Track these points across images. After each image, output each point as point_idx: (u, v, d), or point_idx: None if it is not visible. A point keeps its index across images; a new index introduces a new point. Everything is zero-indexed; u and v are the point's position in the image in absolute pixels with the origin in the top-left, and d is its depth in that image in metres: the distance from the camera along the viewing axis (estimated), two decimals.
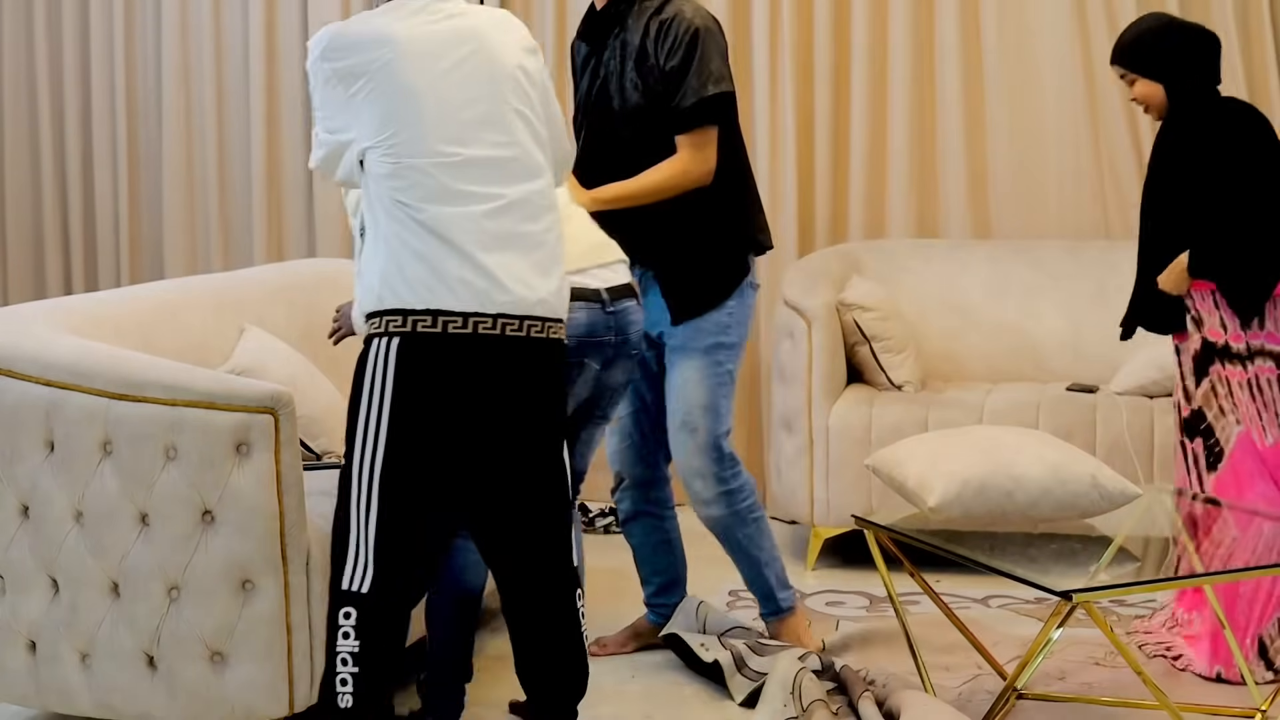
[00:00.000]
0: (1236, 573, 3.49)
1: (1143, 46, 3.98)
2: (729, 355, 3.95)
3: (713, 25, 3.86)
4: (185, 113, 6.25)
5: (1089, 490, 3.57)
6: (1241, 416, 3.89)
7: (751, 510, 4.05)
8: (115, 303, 4.10)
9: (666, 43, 3.81)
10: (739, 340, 3.98)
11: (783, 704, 3.67)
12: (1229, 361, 3.89)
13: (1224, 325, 3.89)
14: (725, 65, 3.85)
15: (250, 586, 3.36)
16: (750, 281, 4.00)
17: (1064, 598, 3.23)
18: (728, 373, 3.96)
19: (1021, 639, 4.19)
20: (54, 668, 3.48)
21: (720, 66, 3.82)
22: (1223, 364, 3.90)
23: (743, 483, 4.03)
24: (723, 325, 3.93)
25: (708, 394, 3.94)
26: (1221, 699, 3.76)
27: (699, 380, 3.93)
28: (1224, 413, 3.91)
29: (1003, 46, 5.68)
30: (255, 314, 4.48)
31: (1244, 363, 3.88)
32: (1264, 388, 3.89)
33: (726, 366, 3.95)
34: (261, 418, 3.34)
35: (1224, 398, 3.91)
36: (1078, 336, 5.28)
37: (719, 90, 3.79)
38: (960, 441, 3.66)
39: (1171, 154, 3.93)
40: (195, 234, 6.29)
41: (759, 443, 5.88)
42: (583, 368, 3.48)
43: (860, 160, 5.76)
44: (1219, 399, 3.91)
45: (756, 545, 4.07)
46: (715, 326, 3.93)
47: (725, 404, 3.98)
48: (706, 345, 3.93)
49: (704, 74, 3.77)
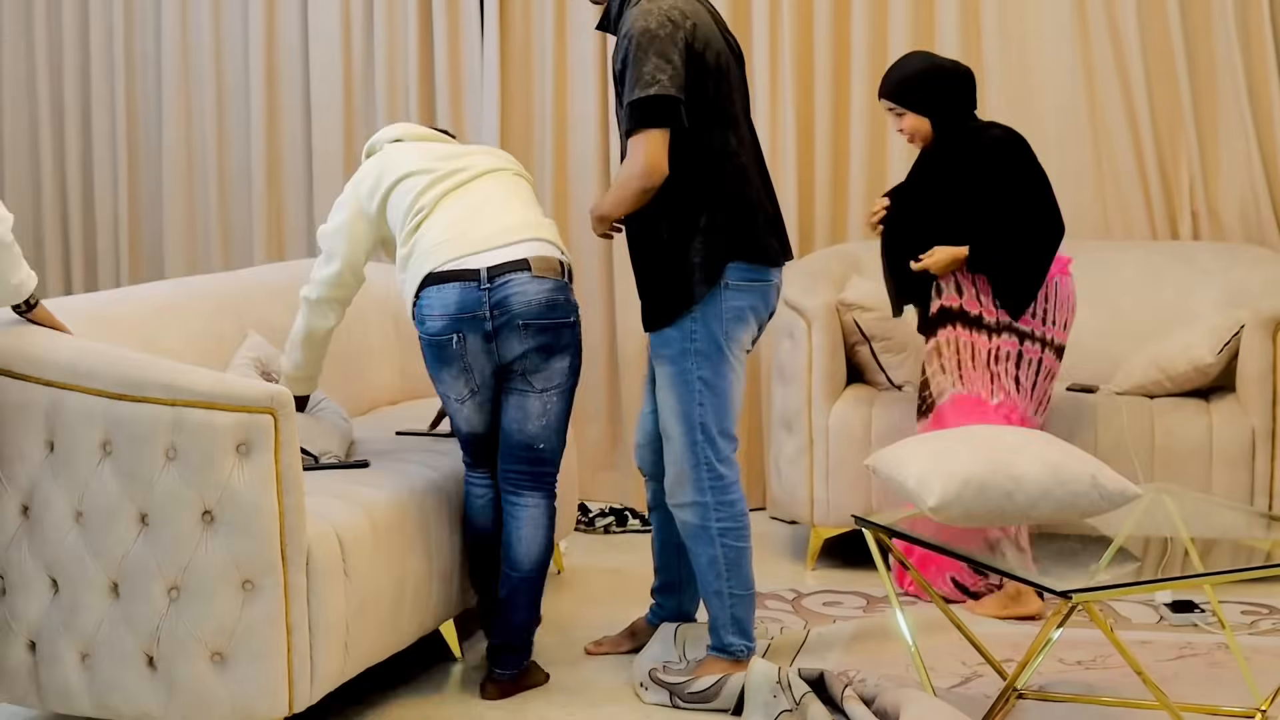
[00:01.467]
0: (1236, 572, 3.49)
1: (911, 86, 4.51)
2: (700, 363, 3.86)
3: (657, 27, 3.75)
4: (185, 113, 6.25)
5: (1089, 490, 3.56)
6: (966, 379, 4.49)
7: (724, 535, 3.92)
8: (115, 303, 4.10)
9: (618, 49, 3.83)
10: (711, 348, 3.86)
11: (772, 695, 3.67)
12: (977, 329, 4.49)
13: (980, 299, 4.49)
14: (665, 67, 3.72)
15: (250, 587, 3.36)
16: (728, 286, 3.85)
17: (1064, 597, 3.23)
18: (700, 380, 3.87)
19: (1021, 639, 4.19)
20: (54, 668, 3.48)
21: (655, 69, 3.72)
22: (966, 330, 4.50)
23: (723, 501, 3.92)
24: (689, 332, 3.86)
25: (678, 401, 3.90)
26: (1222, 699, 3.76)
27: (669, 387, 3.91)
28: (943, 370, 4.54)
29: (1003, 46, 5.68)
30: (255, 314, 4.48)
31: (990, 334, 4.47)
32: (1002, 358, 4.47)
33: (698, 374, 3.87)
34: (261, 418, 3.34)
35: (947, 358, 4.53)
36: (1077, 336, 5.27)
37: (645, 94, 3.72)
38: (960, 441, 3.66)
39: (940, 173, 4.52)
40: (195, 234, 6.29)
41: (759, 443, 5.88)
42: (462, 339, 3.82)
43: (860, 160, 5.76)
44: (941, 358, 4.54)
45: (716, 571, 3.94)
46: (681, 334, 3.87)
47: (704, 411, 3.88)
48: (674, 353, 3.88)
49: (635, 78, 3.74)
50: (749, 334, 3.94)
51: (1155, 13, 5.59)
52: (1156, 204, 5.61)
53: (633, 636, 4.28)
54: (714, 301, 3.85)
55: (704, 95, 3.82)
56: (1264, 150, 5.55)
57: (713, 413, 3.88)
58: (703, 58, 3.81)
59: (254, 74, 6.12)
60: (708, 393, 3.87)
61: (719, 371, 3.87)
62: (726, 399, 3.90)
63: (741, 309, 3.88)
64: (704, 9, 3.93)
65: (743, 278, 3.87)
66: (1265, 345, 4.81)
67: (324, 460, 4.10)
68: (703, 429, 3.89)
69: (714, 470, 3.90)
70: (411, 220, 3.93)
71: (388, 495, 3.84)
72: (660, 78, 3.72)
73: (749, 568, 3.98)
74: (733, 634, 3.97)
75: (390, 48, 6.01)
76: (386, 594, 3.73)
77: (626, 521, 5.68)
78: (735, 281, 3.86)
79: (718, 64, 3.85)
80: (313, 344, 4.16)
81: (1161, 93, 5.60)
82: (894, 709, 3.57)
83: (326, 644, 3.47)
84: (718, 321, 3.85)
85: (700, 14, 3.88)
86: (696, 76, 3.80)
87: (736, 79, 3.96)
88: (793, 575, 5.01)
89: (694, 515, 3.94)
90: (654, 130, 3.74)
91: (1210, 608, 4.39)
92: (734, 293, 3.87)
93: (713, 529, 3.92)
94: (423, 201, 3.94)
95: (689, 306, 3.84)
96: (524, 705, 3.91)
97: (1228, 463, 4.81)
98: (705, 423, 3.88)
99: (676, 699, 3.88)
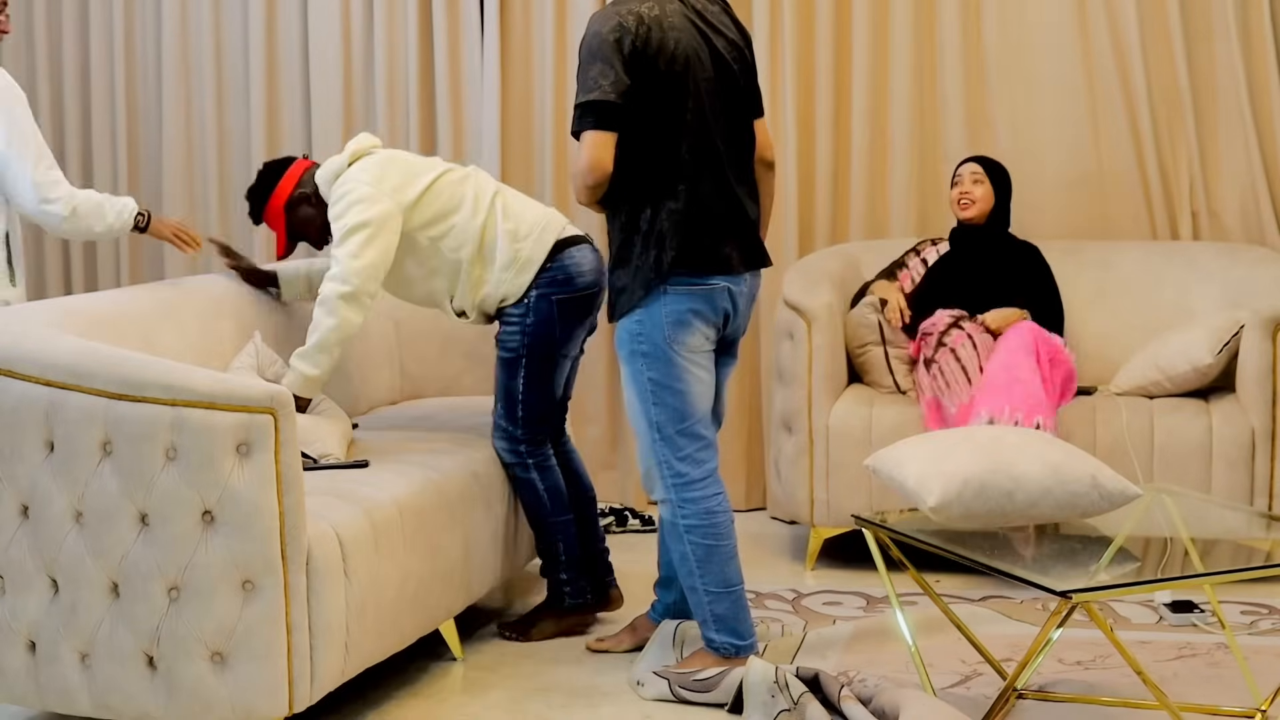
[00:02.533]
0: (1235, 572, 3.49)
1: (1002, 169, 5.28)
2: (648, 364, 3.90)
3: (608, 32, 3.79)
4: (185, 113, 6.25)
5: (1089, 490, 3.56)
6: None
7: (690, 532, 3.93)
8: (115, 303, 4.10)
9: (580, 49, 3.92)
10: (655, 350, 3.87)
11: (770, 695, 3.67)
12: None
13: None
14: (609, 73, 3.78)
15: (250, 587, 3.36)
16: (666, 291, 3.85)
17: (1064, 597, 3.23)
18: (650, 381, 3.90)
19: (1021, 639, 4.19)
20: (53, 668, 3.48)
21: (599, 74, 3.79)
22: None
23: (687, 498, 3.92)
24: (635, 334, 3.90)
25: (636, 399, 3.95)
26: (1221, 699, 3.76)
27: (626, 385, 3.98)
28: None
29: (1003, 46, 5.68)
30: (252, 314, 4.48)
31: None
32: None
33: (648, 375, 3.90)
34: (261, 418, 3.34)
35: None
36: (1077, 336, 5.28)
37: (586, 98, 3.80)
38: (960, 441, 3.66)
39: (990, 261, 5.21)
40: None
41: (759, 443, 5.88)
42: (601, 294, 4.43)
43: (860, 160, 5.76)
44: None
45: (688, 568, 3.96)
46: (629, 335, 3.91)
47: (658, 411, 3.90)
48: (626, 354, 3.94)
49: (581, 81, 3.84)
50: (696, 336, 3.91)
51: (1155, 13, 5.58)
52: (1156, 204, 5.61)
53: (634, 633, 4.28)
54: (655, 305, 3.87)
55: (651, 101, 3.83)
56: (1264, 150, 5.55)
57: (667, 413, 3.91)
58: (654, 64, 3.81)
59: (254, 74, 6.12)
60: (661, 393, 3.90)
61: (668, 373, 3.90)
62: (684, 398, 3.91)
63: (681, 312, 3.88)
64: (681, 11, 3.90)
65: (684, 282, 3.87)
66: (1265, 345, 4.81)
67: (323, 461, 4.10)
68: (659, 429, 3.92)
69: (673, 469, 3.93)
70: (485, 201, 4.32)
71: (388, 495, 3.84)
72: (603, 83, 3.79)
73: (726, 566, 3.97)
74: (714, 630, 3.98)
75: (390, 48, 6.01)
76: (387, 594, 3.73)
77: (627, 521, 5.68)
78: (674, 286, 3.86)
79: (671, 69, 3.83)
80: (346, 343, 4.21)
81: (1161, 93, 5.60)
82: (893, 709, 3.56)
83: (327, 644, 3.47)
84: (658, 325, 3.88)
85: (668, 16, 3.85)
86: (645, 83, 3.81)
87: (712, 81, 3.91)
88: (793, 575, 5.02)
89: (664, 511, 4.01)
90: (599, 132, 3.81)
91: (1210, 608, 4.39)
92: (673, 296, 3.87)
93: (680, 525, 3.96)
94: (483, 187, 4.37)
95: (633, 304, 3.89)
96: (524, 705, 3.91)
97: (1227, 463, 4.81)
98: (660, 422, 3.92)
99: (675, 688, 3.88)
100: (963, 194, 5.23)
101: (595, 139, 3.82)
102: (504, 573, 4.45)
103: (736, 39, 4.04)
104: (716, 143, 3.93)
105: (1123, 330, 5.31)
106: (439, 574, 4.00)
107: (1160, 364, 4.96)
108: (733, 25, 4.05)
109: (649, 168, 3.86)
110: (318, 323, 4.16)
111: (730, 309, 3.97)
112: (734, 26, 4.06)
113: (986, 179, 5.22)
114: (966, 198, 5.22)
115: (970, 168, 5.25)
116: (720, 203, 3.93)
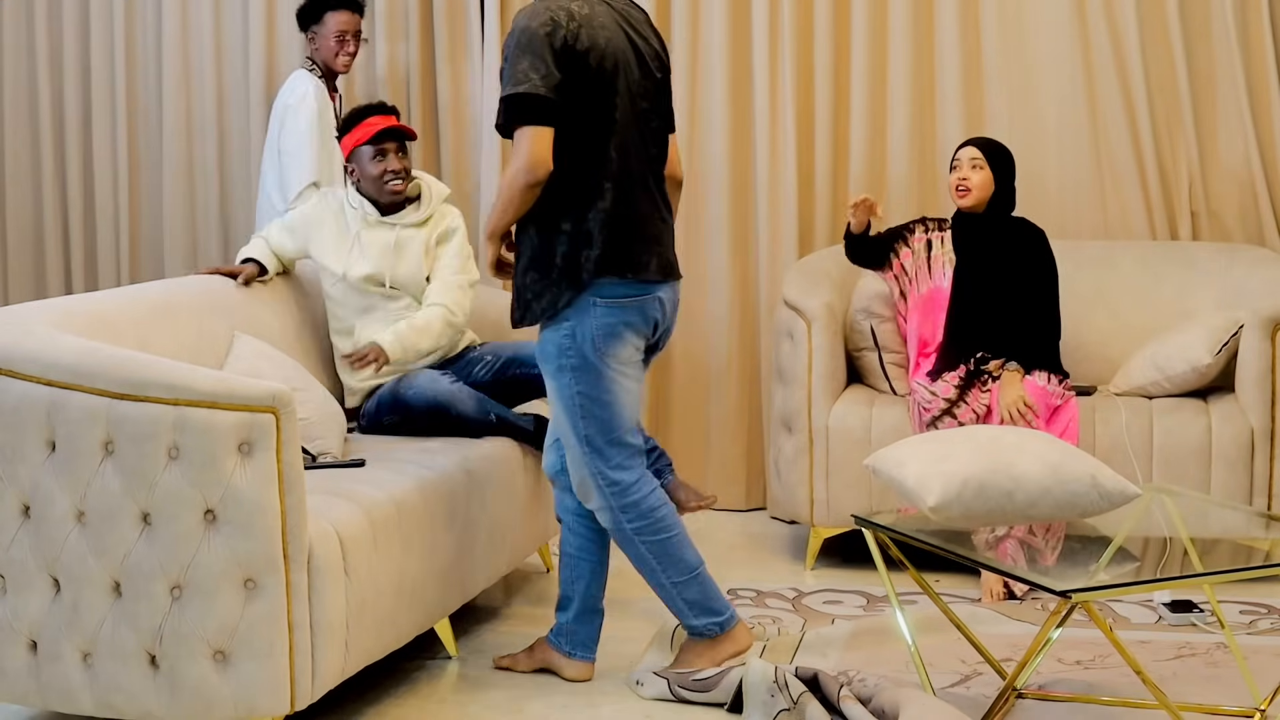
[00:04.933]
0: (1235, 572, 3.50)
1: (1002, 151, 4.99)
2: (576, 378, 3.83)
3: (538, 26, 3.73)
4: (185, 113, 6.25)
5: (1089, 490, 3.57)
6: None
7: (640, 534, 3.92)
8: (114, 302, 4.10)
9: (504, 43, 3.84)
10: (585, 364, 3.82)
11: (770, 695, 3.68)
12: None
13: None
14: (540, 66, 3.70)
15: (252, 585, 3.37)
16: (597, 304, 3.79)
17: (1063, 597, 3.24)
18: (579, 394, 3.84)
19: (1021, 639, 4.20)
20: (55, 667, 3.49)
21: (529, 68, 3.71)
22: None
23: (626, 504, 3.89)
24: (564, 349, 3.83)
25: (564, 414, 3.89)
26: (1221, 699, 3.77)
27: (553, 399, 3.92)
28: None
29: (1003, 47, 5.68)
30: (247, 315, 4.48)
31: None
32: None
33: (576, 389, 3.84)
34: (263, 417, 3.35)
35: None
36: (1077, 336, 5.28)
37: (515, 90, 3.72)
38: (960, 441, 3.67)
39: (1001, 256, 4.96)
40: (195, 234, 6.29)
41: (759, 443, 5.88)
42: None
43: (860, 160, 5.77)
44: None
45: (648, 567, 3.95)
46: (558, 350, 3.84)
47: (587, 424, 3.85)
48: (553, 368, 3.87)
49: (509, 75, 3.75)
50: (628, 348, 3.86)
51: (1155, 13, 5.59)
52: (1156, 204, 5.62)
53: (531, 655, 4.15)
54: (585, 318, 3.80)
55: (581, 99, 3.76)
56: (1264, 150, 5.55)
57: (596, 425, 3.87)
58: (584, 60, 3.75)
59: (254, 74, 6.12)
60: (590, 406, 3.85)
61: (598, 385, 3.84)
62: (612, 409, 3.86)
63: (614, 324, 3.82)
64: (608, 10, 3.84)
65: (615, 294, 3.81)
66: (1264, 346, 4.82)
67: (321, 460, 4.11)
68: (588, 441, 3.88)
69: (607, 478, 3.90)
70: None
71: (386, 494, 3.85)
72: (533, 76, 3.71)
73: (682, 551, 3.95)
74: (693, 616, 3.98)
75: (390, 47, 6.02)
76: (386, 592, 3.73)
77: None
78: (605, 299, 3.80)
79: (601, 68, 3.77)
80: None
81: (1161, 92, 5.61)
82: (893, 708, 3.57)
83: (327, 642, 3.48)
84: (589, 339, 3.81)
85: (598, 16, 3.80)
86: (574, 80, 3.75)
87: (637, 85, 3.85)
88: (793, 575, 5.02)
89: (605, 520, 3.96)
90: (536, 127, 3.72)
91: (1209, 607, 4.40)
92: (604, 309, 3.81)
93: (627, 530, 3.93)
94: None
95: (555, 309, 3.81)
96: (524, 705, 3.91)
97: (1226, 463, 4.81)
98: (589, 435, 3.87)
99: (675, 687, 3.89)
100: (960, 180, 4.95)
101: (534, 134, 3.72)
102: (499, 571, 4.45)
103: (659, 50, 3.97)
104: (642, 148, 3.87)
105: (1122, 330, 5.32)
106: (436, 572, 4.00)
107: (1159, 364, 4.97)
108: (655, 37, 3.98)
109: (576, 167, 3.78)
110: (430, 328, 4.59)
111: (659, 317, 3.91)
112: (656, 38, 3.98)
113: (986, 164, 4.93)
114: (963, 185, 4.94)
115: (969, 152, 4.97)
116: (647, 207, 3.87)
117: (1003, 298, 4.90)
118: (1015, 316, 4.89)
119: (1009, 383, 4.74)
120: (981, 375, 4.81)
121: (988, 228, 4.98)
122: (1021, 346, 4.84)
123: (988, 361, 4.82)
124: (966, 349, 4.86)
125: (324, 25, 5.46)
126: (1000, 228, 4.99)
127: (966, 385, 4.79)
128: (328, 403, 4.34)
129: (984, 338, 4.87)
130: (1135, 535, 3.84)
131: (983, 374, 4.81)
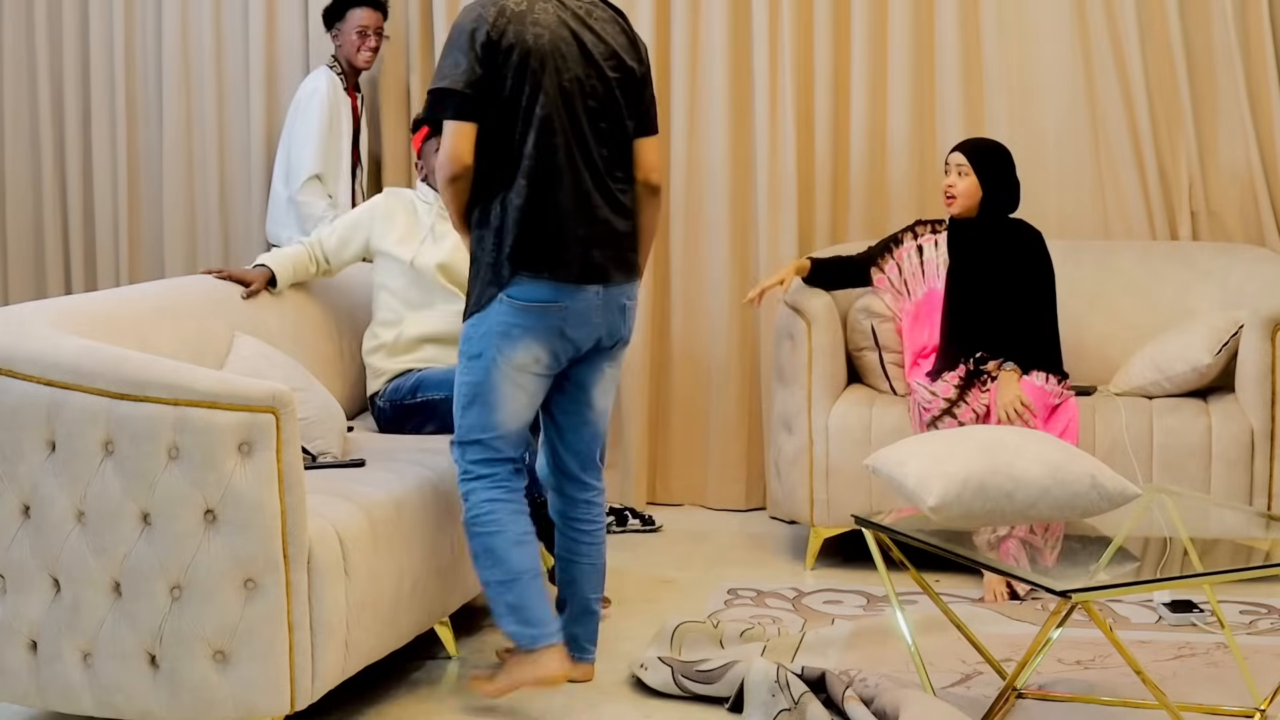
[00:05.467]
0: (1235, 572, 3.50)
1: (988, 154, 4.93)
2: (469, 367, 3.81)
3: (466, 22, 3.75)
4: (185, 113, 6.25)
5: (1089, 490, 3.57)
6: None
7: (471, 525, 3.87)
8: (114, 302, 4.10)
9: None
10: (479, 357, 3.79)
11: (771, 695, 3.68)
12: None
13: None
14: (461, 62, 3.72)
15: (252, 585, 3.37)
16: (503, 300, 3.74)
17: (1063, 597, 3.24)
18: (466, 384, 3.82)
19: (1021, 639, 4.20)
20: (56, 667, 3.49)
21: (451, 64, 3.74)
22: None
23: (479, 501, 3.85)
24: (467, 336, 3.83)
25: (455, 397, 3.90)
26: (1221, 699, 3.77)
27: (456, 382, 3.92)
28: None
29: (1003, 47, 5.68)
30: (248, 315, 4.48)
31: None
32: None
33: (465, 379, 3.83)
34: (263, 417, 3.35)
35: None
36: (1077, 336, 5.28)
37: (435, 86, 3.76)
38: (960, 441, 3.67)
39: (997, 258, 4.94)
40: (195, 234, 6.29)
41: (759, 443, 5.88)
42: None
43: (860, 160, 5.77)
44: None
45: (481, 565, 3.88)
46: (463, 337, 3.85)
47: (465, 415, 3.84)
48: (460, 351, 3.88)
49: (436, 69, 3.81)
50: (523, 354, 3.77)
51: (1155, 13, 5.59)
52: (1156, 204, 5.62)
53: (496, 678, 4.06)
54: (491, 312, 3.78)
55: (500, 95, 3.74)
56: (1264, 150, 5.56)
57: (472, 419, 3.84)
58: (505, 57, 3.73)
59: (254, 74, 6.12)
60: (472, 399, 3.83)
61: (484, 383, 3.80)
62: (491, 413, 3.81)
63: (512, 327, 3.75)
64: (555, 10, 3.80)
65: (525, 296, 3.75)
66: (1264, 346, 4.82)
67: (321, 460, 4.11)
68: (461, 430, 3.87)
69: (464, 466, 3.89)
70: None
71: (386, 494, 3.85)
72: (454, 72, 3.74)
73: (510, 552, 3.84)
74: (509, 622, 3.85)
75: (391, 47, 6.02)
76: (385, 592, 3.73)
77: (627, 521, 5.68)
78: (514, 300, 3.74)
79: (524, 64, 3.73)
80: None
81: (1161, 93, 5.61)
82: (893, 709, 3.57)
83: (328, 642, 3.48)
84: (490, 334, 3.78)
85: (535, 13, 3.77)
86: (493, 76, 3.73)
87: (576, 84, 3.78)
88: (793, 575, 5.02)
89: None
90: (456, 122, 3.75)
91: (1209, 607, 4.40)
92: (507, 308, 3.75)
93: (467, 519, 3.90)
94: None
95: (480, 304, 3.80)
96: (524, 705, 3.91)
97: (1226, 463, 4.82)
98: (464, 425, 3.86)
99: (679, 677, 3.88)
100: (946, 187, 4.97)
101: (454, 129, 3.75)
102: None
103: (621, 50, 3.88)
104: (576, 146, 3.80)
105: (1122, 330, 5.32)
106: (435, 572, 4.00)
107: (1159, 364, 4.97)
108: (623, 36, 3.90)
109: (495, 161, 3.78)
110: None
111: (577, 330, 3.80)
112: (624, 38, 3.90)
113: (971, 170, 4.90)
114: (949, 192, 4.95)
115: (955, 158, 4.95)
116: (574, 206, 3.79)
117: (998, 299, 4.91)
118: (1011, 318, 4.89)
119: (1006, 383, 4.74)
120: (981, 375, 4.81)
121: (982, 230, 4.98)
122: (1018, 347, 4.84)
123: (986, 361, 4.82)
124: (964, 349, 4.87)
125: (346, 21, 5.66)
126: (995, 230, 4.98)
127: (966, 385, 4.79)
128: (328, 403, 4.34)
129: (980, 339, 4.87)
130: (1135, 535, 3.84)
131: (982, 374, 4.81)
